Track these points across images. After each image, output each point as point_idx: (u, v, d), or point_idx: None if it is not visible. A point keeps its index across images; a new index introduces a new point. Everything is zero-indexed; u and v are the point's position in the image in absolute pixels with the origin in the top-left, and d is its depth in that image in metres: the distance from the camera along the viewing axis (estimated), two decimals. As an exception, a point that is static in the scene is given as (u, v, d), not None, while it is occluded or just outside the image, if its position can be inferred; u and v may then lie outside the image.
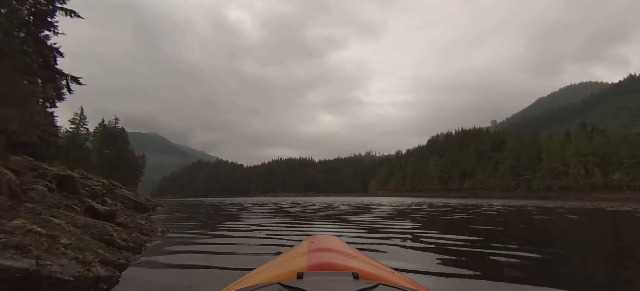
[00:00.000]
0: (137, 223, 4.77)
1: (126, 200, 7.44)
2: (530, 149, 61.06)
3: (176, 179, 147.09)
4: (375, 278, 0.58)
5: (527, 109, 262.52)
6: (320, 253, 0.74)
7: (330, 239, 1.08)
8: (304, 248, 0.88)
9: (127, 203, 7.30)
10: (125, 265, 2.67)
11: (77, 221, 3.20)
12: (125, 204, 6.85)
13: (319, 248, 0.82)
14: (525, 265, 2.87)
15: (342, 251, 0.83)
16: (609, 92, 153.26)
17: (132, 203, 7.62)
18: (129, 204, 7.34)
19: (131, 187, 45.66)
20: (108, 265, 2.43)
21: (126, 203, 7.20)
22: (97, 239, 2.97)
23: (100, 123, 53.88)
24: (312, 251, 0.78)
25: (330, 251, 0.79)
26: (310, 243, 0.97)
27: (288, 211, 10.14)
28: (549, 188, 53.79)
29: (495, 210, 11.38)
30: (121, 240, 3.26)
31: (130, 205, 7.26)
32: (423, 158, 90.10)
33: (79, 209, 4.23)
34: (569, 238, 5.16)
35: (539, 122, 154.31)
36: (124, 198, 7.43)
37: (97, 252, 2.50)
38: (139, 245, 3.55)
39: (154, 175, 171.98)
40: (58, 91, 12.50)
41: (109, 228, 3.44)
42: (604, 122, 73.56)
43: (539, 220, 7.67)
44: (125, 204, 6.99)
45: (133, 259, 2.95)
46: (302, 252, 0.80)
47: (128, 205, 7.07)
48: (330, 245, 0.90)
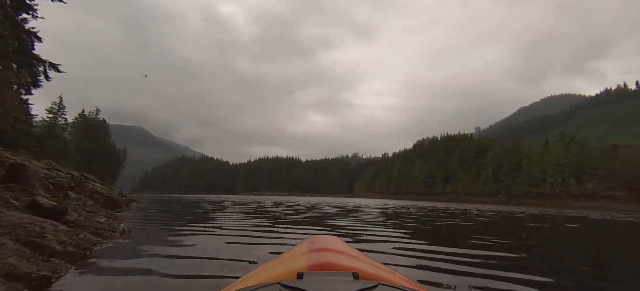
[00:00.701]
0: (94, 222, 4.28)
1: (96, 195, 7.01)
2: (512, 157, 62.98)
3: (159, 174, 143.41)
4: (375, 278, 0.58)
5: (510, 118, 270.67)
6: (320, 253, 0.74)
7: (330, 239, 1.07)
8: (304, 248, 0.88)
9: (97, 197, 6.88)
10: (47, 278, 2.06)
11: (2, 219, 2.72)
12: (94, 199, 6.50)
13: (319, 248, 0.83)
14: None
15: (342, 251, 0.83)
16: (587, 104, 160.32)
17: (103, 198, 7.20)
18: (98, 199, 6.89)
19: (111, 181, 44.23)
20: (19, 281, 1.86)
21: (96, 197, 6.79)
22: (23, 242, 2.46)
23: (80, 114, 51.93)
24: (312, 251, 0.78)
25: (330, 251, 0.79)
26: (310, 243, 0.97)
27: (267, 212, 9.56)
28: (527, 194, 55.61)
29: (486, 215, 11.65)
30: (58, 244, 2.74)
31: (100, 200, 6.87)
32: (409, 161, 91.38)
33: (18, 203, 3.66)
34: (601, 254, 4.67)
35: (521, 130, 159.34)
36: (93, 193, 7.02)
37: (6, 263, 1.96)
38: (84, 249, 3.04)
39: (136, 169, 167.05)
40: (34, 77, 11.90)
41: (49, 227, 3.00)
42: (581, 133, 76.72)
43: (548, 230, 7.66)
44: (95, 199, 6.62)
45: (63, 269, 2.36)
46: (302, 252, 0.81)
47: (97, 200, 6.70)
48: (330, 245, 0.90)
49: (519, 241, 5.36)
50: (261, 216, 8.07)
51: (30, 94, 12.24)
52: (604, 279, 2.98)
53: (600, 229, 8.45)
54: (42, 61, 11.91)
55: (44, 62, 11.91)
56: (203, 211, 9.22)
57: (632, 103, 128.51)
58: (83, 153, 48.72)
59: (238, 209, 10.64)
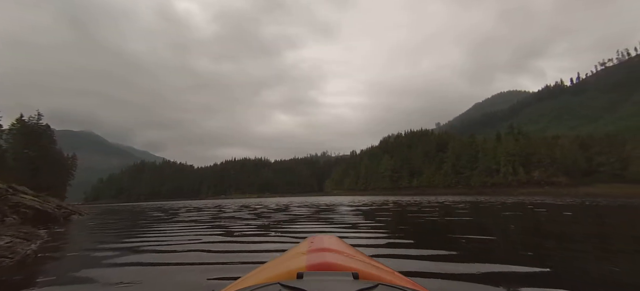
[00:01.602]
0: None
1: (23, 209, 6.20)
2: (469, 150, 67.35)
3: (115, 182, 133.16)
4: (375, 278, 0.58)
5: (466, 113, 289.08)
6: (320, 253, 0.74)
7: (330, 239, 1.07)
8: (303, 248, 0.88)
9: (24, 212, 6.09)
10: None
11: None
12: (20, 215, 5.75)
13: (319, 248, 0.83)
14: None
15: (342, 251, 0.83)
16: (531, 99, 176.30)
17: (33, 212, 6.36)
18: (26, 214, 6.08)
19: (56, 191, 40.11)
20: None
21: (22, 212, 6.01)
22: None
23: (18, 119, 46.57)
24: (312, 251, 0.79)
25: (330, 251, 0.79)
26: (310, 243, 0.97)
27: (227, 218, 8.40)
28: (484, 184, 59.83)
29: (461, 207, 12.41)
30: None
31: (28, 215, 6.10)
32: (376, 158, 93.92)
33: None
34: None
35: (476, 125, 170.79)
36: (20, 206, 6.20)
37: None
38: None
39: (90, 177, 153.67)
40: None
41: None
42: (527, 127, 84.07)
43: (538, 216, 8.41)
44: (20, 214, 5.86)
45: None
46: (302, 252, 0.81)
47: (25, 215, 5.94)
48: (330, 244, 0.91)
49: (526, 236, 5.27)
50: (215, 226, 6.67)
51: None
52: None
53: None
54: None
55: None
56: (151, 222, 8.10)
57: (568, 98, 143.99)
58: (23, 162, 43.81)
59: (193, 216, 9.43)
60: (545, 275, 2.53)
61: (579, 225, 6.42)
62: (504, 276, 2.50)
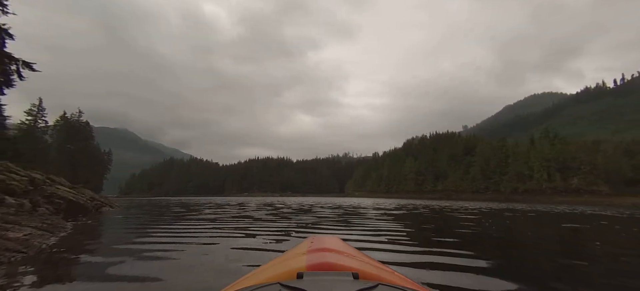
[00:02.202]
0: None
1: (57, 200, 6.42)
2: (499, 154, 64.11)
3: (146, 178, 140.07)
4: (375, 278, 0.58)
5: (495, 116, 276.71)
6: (320, 253, 0.74)
7: (330, 239, 1.06)
8: (304, 248, 0.88)
9: (58, 203, 6.30)
10: None
11: None
12: (54, 205, 5.97)
13: (319, 248, 0.82)
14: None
15: (342, 251, 0.83)
16: (568, 102, 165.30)
17: (66, 204, 6.51)
18: (60, 204, 6.26)
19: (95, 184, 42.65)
20: None
21: (56, 203, 6.23)
22: None
23: (61, 116, 50.04)
24: (312, 251, 0.78)
25: (330, 251, 0.79)
26: (310, 243, 0.97)
27: (247, 218, 7.93)
28: (515, 190, 56.67)
29: (508, 215, 11.14)
30: None
31: (61, 206, 6.32)
32: (399, 160, 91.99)
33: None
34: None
35: (506, 128, 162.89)
36: (54, 197, 6.44)
37: None
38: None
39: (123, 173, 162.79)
40: (7, 76, 11.16)
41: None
42: (563, 130, 78.82)
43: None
44: (55, 204, 6.08)
45: None
46: (302, 252, 0.81)
47: (58, 206, 6.16)
48: (330, 244, 0.90)
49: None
50: (234, 227, 6.16)
51: (3, 94, 11.49)
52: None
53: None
54: (15, 59, 11.19)
55: (16, 60, 11.20)
56: (172, 219, 7.75)
57: (611, 100, 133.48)
58: (65, 156, 47.03)
59: (213, 213, 9.19)
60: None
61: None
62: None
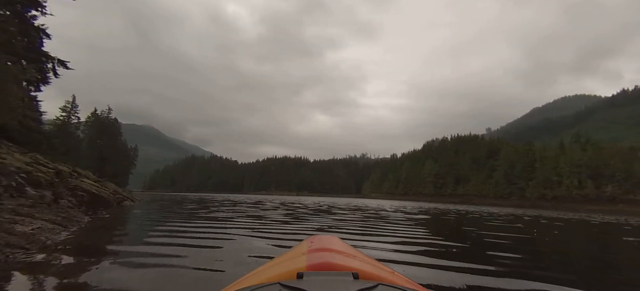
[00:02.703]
0: (12, 228, 3.23)
1: (81, 192, 6.51)
2: (525, 158, 61.35)
3: (169, 173, 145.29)
4: (375, 278, 0.58)
5: (522, 119, 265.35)
6: (320, 253, 0.74)
7: (330, 239, 1.05)
8: (304, 248, 0.87)
9: (81, 195, 6.38)
10: None
11: None
12: (77, 198, 6.15)
13: (319, 248, 0.82)
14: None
15: (342, 251, 0.82)
16: (602, 105, 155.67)
17: (88, 196, 6.64)
18: (82, 197, 6.38)
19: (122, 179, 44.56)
20: None
21: (79, 195, 6.35)
22: None
23: (93, 112, 52.70)
24: (312, 251, 0.78)
25: (330, 251, 0.79)
26: (310, 242, 0.96)
27: (261, 219, 7.22)
28: (542, 197, 54.02)
29: (545, 222, 10.35)
30: None
31: (84, 198, 6.46)
32: (418, 162, 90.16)
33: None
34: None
35: (533, 131, 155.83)
36: (77, 189, 6.63)
37: None
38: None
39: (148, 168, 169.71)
40: (43, 74, 11.84)
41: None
42: (596, 135, 74.35)
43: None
44: (77, 197, 6.26)
45: None
46: (302, 252, 0.80)
47: (81, 198, 6.33)
48: (330, 244, 0.90)
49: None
50: (246, 227, 5.68)
51: (39, 90, 12.22)
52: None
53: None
54: (51, 57, 11.86)
55: (52, 59, 11.86)
56: (189, 216, 7.57)
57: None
58: (95, 151, 49.46)
59: (229, 212, 8.72)
60: None
61: None
62: None
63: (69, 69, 12.46)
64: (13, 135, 11.05)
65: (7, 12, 11.03)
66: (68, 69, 12.47)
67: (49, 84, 12.21)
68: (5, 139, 10.61)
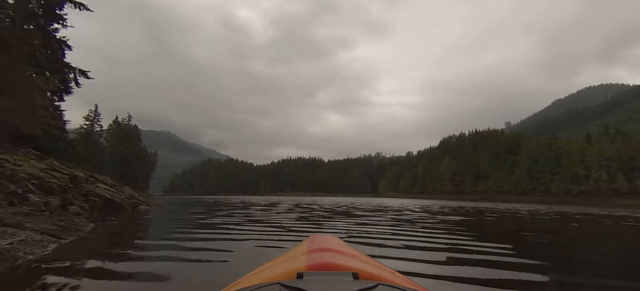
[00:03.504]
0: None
1: (94, 197, 6.44)
2: (549, 152, 58.87)
3: (187, 177, 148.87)
4: (375, 278, 0.58)
5: (543, 111, 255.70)
6: (320, 253, 0.73)
7: (330, 239, 1.04)
8: (304, 248, 0.87)
9: (93, 200, 6.31)
10: None
11: None
12: (90, 203, 6.16)
13: (319, 248, 0.81)
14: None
15: (342, 251, 0.82)
16: (631, 94, 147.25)
17: (101, 201, 6.58)
18: (95, 202, 6.31)
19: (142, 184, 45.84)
20: None
21: (92, 200, 6.28)
22: None
23: (114, 120, 54.66)
24: (312, 251, 0.78)
25: (331, 251, 0.78)
26: (310, 243, 0.96)
27: (273, 225, 6.00)
28: (568, 192, 51.63)
29: (600, 220, 8.77)
30: None
31: (97, 204, 6.33)
32: (434, 160, 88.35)
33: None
34: None
35: (556, 124, 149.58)
36: (90, 195, 6.59)
37: None
38: None
39: (167, 172, 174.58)
40: (66, 84, 12.27)
41: None
42: (626, 126, 70.36)
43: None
44: (91, 202, 6.26)
45: None
46: (302, 252, 0.80)
47: (94, 204, 6.32)
48: (330, 244, 0.89)
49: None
50: (259, 231, 5.11)
51: (62, 100, 12.70)
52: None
53: None
54: (73, 68, 12.28)
55: (74, 69, 12.27)
56: (199, 221, 6.79)
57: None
58: (117, 157, 51.24)
59: (239, 216, 7.89)
60: None
61: None
62: None
63: (89, 78, 12.89)
64: (39, 144, 11.49)
65: (31, 26, 11.50)
66: (89, 78, 12.89)
67: (71, 93, 12.67)
68: (31, 147, 11.06)
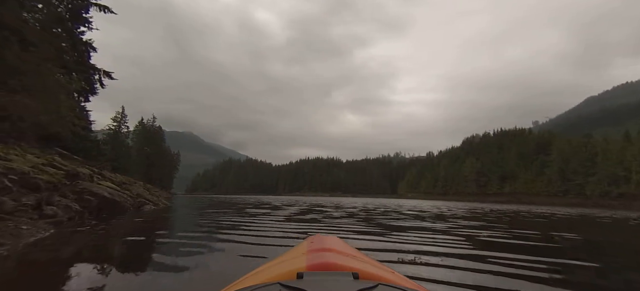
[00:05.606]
0: None
1: (88, 196, 5.68)
2: (582, 152, 55.28)
3: (208, 177, 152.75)
4: (376, 278, 0.58)
5: (574, 109, 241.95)
6: (320, 253, 0.73)
7: (330, 239, 1.04)
8: (304, 248, 0.86)
9: (88, 199, 5.60)
10: None
11: None
12: (83, 202, 5.68)
13: (319, 248, 0.81)
14: None
15: (342, 251, 0.81)
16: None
17: (97, 201, 5.92)
18: (90, 201, 5.64)
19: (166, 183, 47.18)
20: None
21: (86, 199, 5.55)
22: None
23: (139, 122, 56.76)
24: (312, 251, 0.77)
25: (331, 251, 0.78)
26: (310, 242, 0.95)
27: (288, 234, 4.67)
28: (606, 194, 48.20)
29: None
30: None
31: (92, 203, 5.65)
32: (457, 160, 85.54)
33: None
34: None
35: (590, 122, 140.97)
36: (85, 193, 5.68)
37: None
38: None
39: (190, 172, 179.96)
40: (91, 85, 12.59)
41: None
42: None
43: None
44: (84, 201, 5.74)
45: None
46: (302, 252, 0.80)
47: (88, 203, 5.55)
48: (330, 244, 0.89)
49: None
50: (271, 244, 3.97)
51: (88, 100, 13.06)
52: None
53: None
54: (97, 69, 12.59)
55: (98, 70, 12.59)
56: (202, 225, 6.15)
57: None
58: (142, 157, 53.12)
59: (254, 218, 6.95)
60: None
61: None
62: None
63: (113, 79, 13.21)
64: (67, 143, 11.82)
65: (59, 29, 11.85)
66: (112, 79, 13.21)
67: (96, 94, 13.03)
68: (59, 147, 11.38)
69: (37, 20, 10.22)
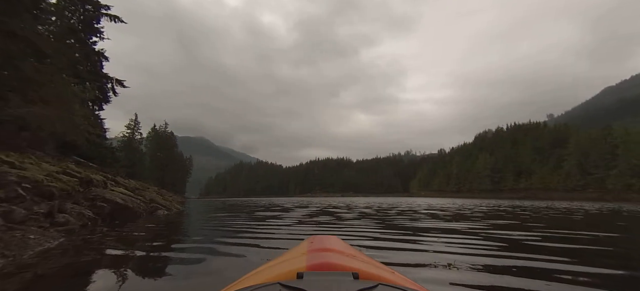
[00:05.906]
0: None
1: (100, 203, 5.77)
2: (602, 144, 53.37)
3: (221, 181, 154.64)
4: (376, 278, 0.58)
5: (591, 101, 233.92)
6: (320, 253, 0.73)
7: (330, 239, 1.03)
8: (304, 248, 0.86)
9: (101, 206, 5.67)
10: None
11: None
12: (96, 209, 5.76)
13: (319, 248, 0.81)
14: None
15: (342, 251, 0.81)
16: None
17: (110, 207, 5.97)
18: (103, 208, 5.70)
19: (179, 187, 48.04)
20: None
21: (99, 206, 5.64)
22: None
23: (152, 128, 57.92)
24: (312, 251, 0.77)
25: (331, 251, 0.78)
26: (310, 243, 0.95)
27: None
28: (629, 187, 46.36)
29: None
30: None
31: (105, 210, 5.70)
32: (470, 156, 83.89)
33: None
34: None
35: (608, 114, 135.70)
36: (98, 200, 5.79)
37: None
38: None
39: (203, 176, 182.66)
40: (104, 93, 12.86)
41: None
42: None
43: None
44: (97, 208, 5.55)
45: None
46: (302, 252, 0.80)
47: (101, 210, 5.60)
48: (330, 244, 0.89)
49: None
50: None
51: (102, 109, 13.36)
52: None
53: None
54: (110, 78, 12.86)
55: (111, 79, 12.85)
56: (227, 223, 6.47)
57: None
58: (156, 163, 54.18)
59: (267, 221, 6.51)
60: None
61: None
62: None
63: (125, 86, 13.47)
64: (84, 151, 12.10)
65: (72, 40, 12.16)
66: (124, 86, 13.47)
67: (109, 102, 13.32)
68: (76, 155, 11.66)
69: (51, 32, 10.50)
